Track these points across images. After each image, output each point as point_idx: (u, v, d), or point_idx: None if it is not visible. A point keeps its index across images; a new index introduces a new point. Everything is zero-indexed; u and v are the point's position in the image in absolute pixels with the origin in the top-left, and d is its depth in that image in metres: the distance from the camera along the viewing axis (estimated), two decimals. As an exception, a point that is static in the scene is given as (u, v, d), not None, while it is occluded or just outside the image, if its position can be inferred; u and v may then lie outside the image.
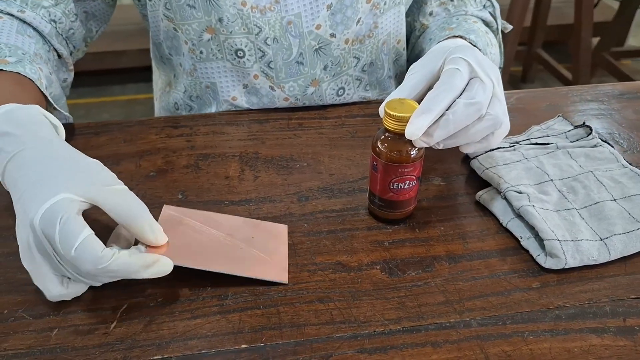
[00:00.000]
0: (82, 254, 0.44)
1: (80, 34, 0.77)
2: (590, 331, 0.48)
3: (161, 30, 0.77)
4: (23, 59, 0.62)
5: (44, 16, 0.69)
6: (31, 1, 0.69)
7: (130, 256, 0.45)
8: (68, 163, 0.48)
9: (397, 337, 0.47)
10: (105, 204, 0.46)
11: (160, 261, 0.47)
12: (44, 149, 0.49)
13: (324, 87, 0.77)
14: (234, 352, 0.46)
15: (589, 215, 0.56)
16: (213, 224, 0.55)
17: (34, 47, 0.67)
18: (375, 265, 0.54)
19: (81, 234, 0.44)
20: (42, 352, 0.46)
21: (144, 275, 0.46)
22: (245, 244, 0.54)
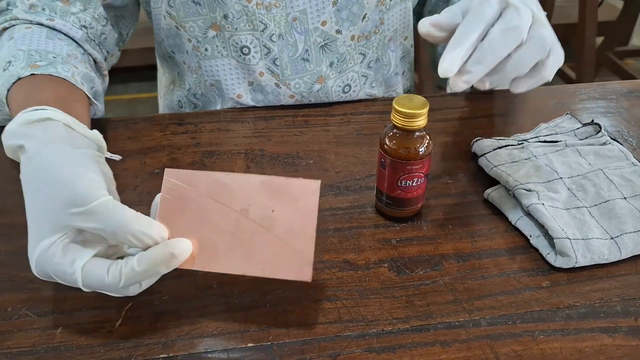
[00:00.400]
0: (92, 286, 0.43)
1: (112, 37, 0.75)
2: (601, 331, 0.47)
3: (163, 28, 0.76)
4: (54, 61, 0.61)
5: (74, 23, 0.68)
6: (59, 9, 0.68)
7: (141, 263, 0.42)
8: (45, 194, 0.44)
9: (405, 336, 0.46)
10: (83, 228, 0.43)
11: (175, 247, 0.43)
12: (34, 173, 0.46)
13: (329, 84, 0.77)
14: (240, 350, 0.45)
15: (599, 214, 0.56)
16: (225, 196, 0.46)
17: (66, 48, 0.65)
18: (382, 263, 0.53)
19: (74, 274, 0.42)
20: (47, 351, 0.45)
21: (166, 271, 0.44)
22: (264, 224, 0.46)
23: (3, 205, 0.60)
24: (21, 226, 0.56)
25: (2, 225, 0.57)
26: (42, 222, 0.43)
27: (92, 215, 0.42)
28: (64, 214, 0.42)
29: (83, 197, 0.42)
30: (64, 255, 0.42)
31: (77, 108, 0.56)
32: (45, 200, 0.43)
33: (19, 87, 0.57)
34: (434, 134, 0.70)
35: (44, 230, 0.43)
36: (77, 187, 0.43)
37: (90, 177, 0.44)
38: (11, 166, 0.66)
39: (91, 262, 0.43)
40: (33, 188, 0.45)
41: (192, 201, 0.46)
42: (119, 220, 0.42)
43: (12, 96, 0.57)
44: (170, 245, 0.43)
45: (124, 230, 0.42)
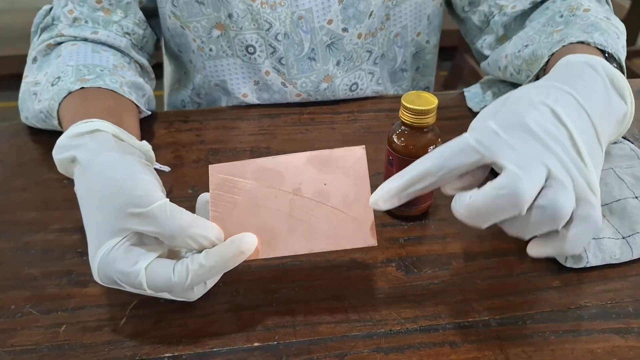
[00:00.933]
0: (158, 287, 0.42)
1: (152, 40, 0.76)
2: (613, 332, 0.46)
3: (168, 28, 0.75)
4: (102, 74, 0.62)
5: (117, 31, 0.69)
6: (102, 20, 0.69)
7: (207, 259, 0.42)
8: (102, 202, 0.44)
9: (414, 337, 0.46)
10: (140, 231, 0.43)
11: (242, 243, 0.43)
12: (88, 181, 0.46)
13: (337, 82, 0.76)
14: (246, 350, 0.45)
15: (610, 213, 0.55)
16: (274, 180, 0.46)
17: (112, 59, 0.67)
18: (390, 262, 0.52)
19: (138, 276, 0.41)
20: (50, 349, 0.45)
21: (233, 265, 0.43)
22: (319, 199, 0.45)
23: (6, 203, 0.59)
24: (24, 223, 0.57)
25: (5, 222, 0.57)
26: (101, 227, 0.43)
27: (150, 219, 0.42)
28: (122, 217, 0.42)
29: (141, 199, 0.42)
30: (126, 258, 0.42)
31: (126, 119, 0.57)
32: (103, 206, 0.43)
33: (69, 101, 0.59)
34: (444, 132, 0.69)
35: (104, 235, 0.43)
36: (134, 190, 0.43)
37: (146, 179, 0.44)
38: (13, 163, 0.65)
39: (155, 263, 0.42)
40: (89, 196, 0.45)
41: (242, 192, 0.46)
42: (177, 224, 0.42)
43: (63, 111, 0.58)
44: (238, 241, 0.43)
45: (182, 234, 0.42)
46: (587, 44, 0.54)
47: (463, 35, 0.82)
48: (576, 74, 0.45)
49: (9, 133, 0.71)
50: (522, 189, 0.38)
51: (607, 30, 0.56)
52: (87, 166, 0.46)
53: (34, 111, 0.64)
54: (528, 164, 0.39)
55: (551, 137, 0.40)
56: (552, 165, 0.39)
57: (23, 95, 0.67)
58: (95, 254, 0.43)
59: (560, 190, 0.38)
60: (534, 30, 0.65)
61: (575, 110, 0.42)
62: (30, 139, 0.69)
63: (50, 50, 0.68)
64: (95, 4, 0.69)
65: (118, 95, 0.61)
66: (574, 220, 0.40)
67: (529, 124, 0.40)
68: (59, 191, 0.61)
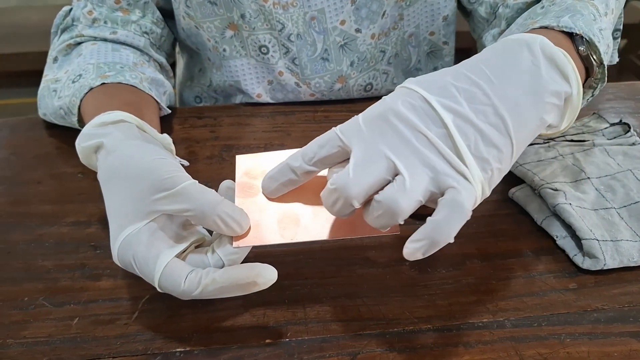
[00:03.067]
0: (167, 288, 0.42)
1: (170, 38, 0.77)
2: (630, 335, 0.45)
3: (183, 28, 0.76)
4: (122, 70, 0.63)
5: (135, 31, 0.70)
6: (120, 19, 0.69)
7: (221, 277, 0.41)
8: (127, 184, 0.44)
9: (427, 336, 0.45)
10: (168, 212, 0.43)
11: (260, 275, 0.42)
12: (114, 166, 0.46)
13: (351, 83, 0.75)
14: (258, 347, 0.44)
15: (628, 215, 0.54)
16: None
17: (132, 57, 0.68)
18: (404, 261, 0.51)
19: (154, 270, 0.42)
20: (62, 341, 0.45)
21: (245, 292, 0.42)
22: None
23: (20, 195, 0.60)
24: (38, 216, 0.57)
25: (19, 214, 0.57)
26: (128, 209, 0.43)
27: (179, 197, 0.42)
28: (149, 199, 0.43)
29: (169, 182, 0.43)
30: (150, 247, 0.42)
31: (147, 113, 0.58)
32: (129, 189, 0.44)
33: (90, 97, 0.59)
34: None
35: (130, 218, 0.43)
36: (163, 173, 0.43)
37: (173, 164, 0.45)
38: (28, 156, 0.66)
39: (173, 264, 0.42)
40: (114, 179, 0.46)
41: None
42: (208, 200, 0.42)
43: (85, 107, 0.59)
44: (257, 271, 0.42)
45: (212, 211, 0.42)
46: (550, 28, 0.49)
47: (471, 31, 0.79)
48: (498, 54, 0.43)
49: (25, 126, 0.71)
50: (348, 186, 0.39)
51: (581, 12, 0.51)
52: (112, 151, 0.47)
53: (53, 108, 0.64)
54: (369, 158, 0.40)
55: (411, 128, 0.40)
56: (400, 159, 0.39)
57: (42, 92, 0.68)
58: (118, 235, 0.43)
59: (397, 186, 0.39)
60: (517, 25, 0.61)
61: (467, 97, 0.41)
62: (46, 132, 0.70)
63: (70, 50, 0.69)
64: (114, 4, 0.69)
65: (138, 91, 0.62)
66: (438, 206, 0.39)
67: (389, 116, 0.41)
68: (74, 184, 0.61)
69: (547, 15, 0.53)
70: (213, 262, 0.43)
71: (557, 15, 0.51)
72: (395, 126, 0.40)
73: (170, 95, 0.72)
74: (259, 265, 0.42)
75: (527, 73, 0.42)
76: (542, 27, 0.49)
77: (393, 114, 0.41)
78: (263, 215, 0.45)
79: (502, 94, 0.41)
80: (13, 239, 0.54)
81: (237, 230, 0.43)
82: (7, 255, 0.53)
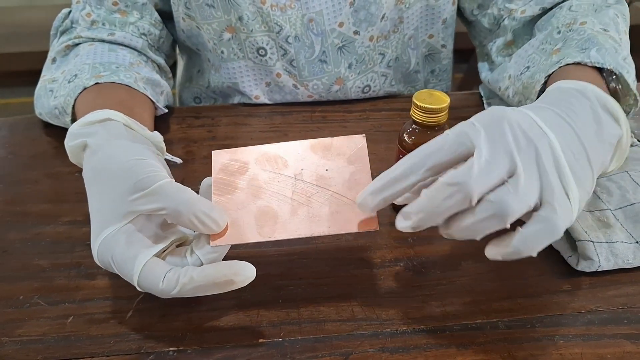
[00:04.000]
0: (146, 287, 0.42)
1: (168, 40, 0.77)
2: (624, 337, 0.45)
3: (183, 30, 0.76)
4: (117, 70, 0.63)
5: (133, 32, 0.70)
6: (118, 21, 0.70)
7: (198, 276, 0.41)
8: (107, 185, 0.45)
9: (420, 337, 0.45)
10: (145, 212, 0.43)
11: (238, 276, 0.42)
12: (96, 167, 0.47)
13: (349, 85, 0.75)
14: (251, 346, 0.44)
15: (624, 217, 0.54)
16: (277, 166, 0.47)
17: (129, 57, 0.68)
18: (398, 262, 0.52)
19: (132, 270, 0.42)
20: (57, 340, 0.45)
21: (223, 290, 0.42)
22: (319, 183, 0.46)
23: (17, 194, 0.60)
24: (34, 215, 0.57)
25: (16, 213, 0.57)
26: (107, 210, 0.44)
27: (155, 196, 0.42)
28: (127, 200, 0.43)
29: (145, 181, 0.43)
30: (128, 248, 0.42)
31: (138, 111, 0.58)
32: (109, 190, 0.44)
33: (84, 96, 0.60)
34: (454, 132, 0.68)
35: (108, 219, 0.43)
36: (139, 174, 0.43)
37: (152, 164, 0.45)
38: (26, 155, 0.66)
39: (151, 263, 0.42)
40: (96, 179, 0.46)
41: (244, 176, 0.47)
42: (183, 198, 0.42)
43: (78, 106, 0.59)
44: (235, 269, 0.42)
45: (187, 210, 0.42)
46: (583, 64, 0.53)
47: (471, 38, 0.81)
48: (564, 98, 0.45)
49: (22, 126, 0.71)
50: (473, 182, 0.39)
51: (605, 44, 0.55)
52: (95, 151, 0.47)
53: (48, 107, 0.65)
54: (495, 157, 0.40)
55: (526, 137, 0.41)
56: (523, 162, 0.40)
57: (39, 91, 0.68)
58: (98, 236, 0.43)
59: (512, 188, 0.39)
60: (533, 49, 0.64)
61: (559, 125, 0.42)
62: (43, 132, 0.70)
63: (68, 51, 0.70)
64: (112, 6, 0.70)
65: (132, 90, 0.62)
66: (532, 219, 0.40)
67: (504, 123, 0.41)
68: (71, 184, 0.61)
69: (568, 44, 0.58)
70: (192, 262, 0.43)
71: (582, 48, 0.56)
72: (514, 132, 0.41)
73: (168, 95, 0.73)
74: (237, 263, 0.42)
75: (591, 121, 0.44)
76: (575, 63, 0.54)
77: (507, 121, 0.41)
78: (240, 213, 0.45)
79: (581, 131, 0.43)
80: (9, 237, 0.55)
81: (214, 229, 0.43)
82: (3, 254, 0.53)
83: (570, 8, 0.65)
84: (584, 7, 0.64)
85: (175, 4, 0.72)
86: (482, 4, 0.74)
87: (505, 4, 0.71)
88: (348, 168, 0.47)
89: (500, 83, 0.70)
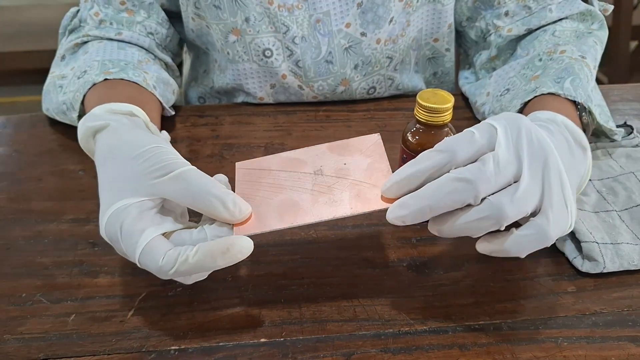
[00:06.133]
0: (145, 263, 0.42)
1: (175, 39, 0.78)
2: (629, 340, 0.45)
3: (192, 29, 0.76)
4: (126, 67, 0.64)
5: (140, 32, 0.71)
6: (126, 20, 0.70)
7: (197, 253, 0.41)
8: (127, 163, 0.45)
9: (422, 338, 0.45)
10: (165, 195, 0.43)
11: (234, 246, 0.41)
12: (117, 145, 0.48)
13: (354, 86, 0.75)
14: (252, 345, 0.44)
15: (629, 218, 0.53)
16: (295, 166, 0.49)
17: (137, 55, 0.69)
18: (402, 262, 0.52)
19: (137, 243, 0.42)
20: (59, 338, 0.45)
21: (219, 266, 0.41)
22: (339, 175, 0.48)
23: (21, 192, 0.60)
24: (38, 212, 0.57)
25: (20, 211, 0.57)
26: (124, 185, 0.44)
27: (176, 179, 0.43)
28: (147, 179, 0.43)
29: (169, 166, 0.44)
30: (137, 221, 0.42)
31: (148, 109, 0.58)
32: (128, 169, 0.45)
33: (93, 92, 0.61)
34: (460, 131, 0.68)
35: (125, 192, 0.44)
36: (163, 159, 0.44)
37: (173, 152, 0.46)
38: (30, 153, 0.66)
39: (156, 240, 0.42)
40: (111, 157, 0.47)
41: (265, 179, 0.49)
42: (206, 181, 0.43)
43: (88, 101, 0.60)
44: (231, 240, 0.42)
45: (204, 195, 0.42)
46: (557, 95, 0.56)
47: (458, 45, 0.84)
48: (544, 126, 0.47)
49: (28, 123, 0.72)
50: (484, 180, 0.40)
51: (579, 75, 0.58)
52: (117, 131, 0.49)
53: (56, 102, 0.65)
54: (508, 159, 0.41)
55: (539, 144, 0.43)
56: (529, 169, 0.42)
57: (47, 87, 0.68)
58: (109, 207, 0.43)
59: (514, 194, 0.41)
60: (515, 72, 0.67)
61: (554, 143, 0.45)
62: (48, 130, 0.70)
63: (77, 49, 0.70)
64: (120, 6, 0.70)
65: (141, 88, 0.63)
66: (527, 223, 0.42)
67: (522, 132, 0.43)
68: (74, 182, 0.61)
69: (547, 71, 0.61)
70: (198, 237, 0.43)
71: (558, 77, 0.59)
72: (529, 138, 0.43)
73: (177, 92, 0.74)
74: (233, 236, 0.42)
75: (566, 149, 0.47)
76: (550, 93, 0.57)
77: (524, 127, 0.43)
78: (262, 208, 0.46)
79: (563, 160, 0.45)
80: (13, 235, 0.55)
81: (237, 215, 0.43)
82: (6, 251, 0.53)
83: (554, 33, 0.68)
84: (567, 33, 0.68)
85: (184, 4, 0.73)
86: (471, 17, 0.76)
87: (493, 20, 0.72)
88: (365, 160, 0.49)
89: (477, 97, 0.72)
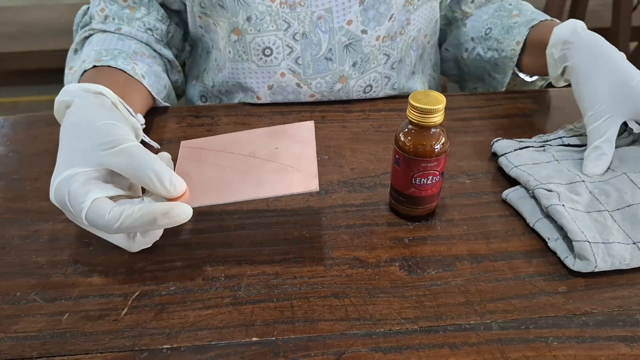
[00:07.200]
0: (93, 220, 0.45)
1: (178, 35, 0.81)
2: (619, 340, 0.45)
3: (201, 25, 0.77)
4: (117, 56, 0.68)
5: (139, 27, 0.75)
6: (126, 16, 0.75)
7: (141, 209, 0.45)
8: (82, 136, 0.49)
9: (413, 337, 0.45)
10: (110, 166, 0.47)
11: (174, 209, 0.45)
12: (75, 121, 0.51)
13: (351, 83, 0.75)
14: (244, 344, 0.45)
15: (621, 218, 0.53)
16: (234, 147, 0.54)
17: (134, 46, 0.73)
18: (394, 262, 0.52)
19: (84, 202, 0.45)
20: (52, 336, 0.45)
21: (160, 225, 0.45)
22: (269, 158, 0.52)
23: (19, 191, 0.60)
24: (34, 212, 0.57)
25: (16, 210, 0.58)
26: (75, 156, 0.48)
27: (123, 154, 0.47)
28: (95, 151, 0.47)
29: (116, 141, 0.47)
30: (84, 185, 0.46)
31: (129, 93, 0.62)
32: (81, 142, 0.48)
33: (84, 78, 0.65)
34: (453, 132, 0.68)
35: (74, 162, 0.47)
36: (112, 134, 0.48)
37: (124, 129, 0.49)
38: (27, 153, 0.67)
39: (101, 200, 0.46)
40: (71, 133, 0.50)
41: (206, 158, 0.53)
42: (147, 157, 0.47)
43: None
44: (173, 204, 0.45)
45: (144, 170, 0.46)
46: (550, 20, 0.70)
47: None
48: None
49: (25, 124, 0.72)
50: None
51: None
52: (78, 108, 0.52)
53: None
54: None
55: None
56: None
57: (65, 80, 0.74)
58: (60, 174, 0.47)
59: None
60: (488, 15, 0.79)
61: None
62: (45, 130, 0.71)
63: (85, 42, 0.75)
64: (123, 2, 0.75)
65: (127, 75, 0.66)
66: None
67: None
68: (70, 182, 0.62)
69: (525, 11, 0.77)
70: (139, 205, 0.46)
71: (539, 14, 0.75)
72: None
73: (169, 87, 0.77)
74: (175, 202, 0.46)
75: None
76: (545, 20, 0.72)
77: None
78: (198, 183, 0.51)
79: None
80: (8, 234, 0.55)
81: (171, 190, 0.47)
82: (1, 250, 0.53)
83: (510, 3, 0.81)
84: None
85: (189, 5, 0.75)
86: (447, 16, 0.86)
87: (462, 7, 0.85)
88: (295, 146, 0.53)
89: (466, 45, 0.83)
